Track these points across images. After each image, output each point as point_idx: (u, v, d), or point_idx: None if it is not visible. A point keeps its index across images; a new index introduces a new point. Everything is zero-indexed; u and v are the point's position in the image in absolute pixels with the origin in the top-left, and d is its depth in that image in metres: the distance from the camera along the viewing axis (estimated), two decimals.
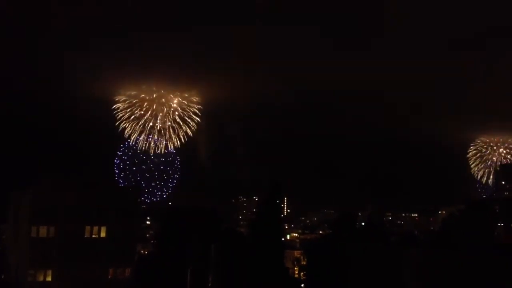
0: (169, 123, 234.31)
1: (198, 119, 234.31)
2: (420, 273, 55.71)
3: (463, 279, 52.53)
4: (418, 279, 56.07)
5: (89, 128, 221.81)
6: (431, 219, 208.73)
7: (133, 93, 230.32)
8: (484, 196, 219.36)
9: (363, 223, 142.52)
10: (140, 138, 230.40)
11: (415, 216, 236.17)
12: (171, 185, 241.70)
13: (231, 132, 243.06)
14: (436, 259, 55.43)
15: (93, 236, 78.81)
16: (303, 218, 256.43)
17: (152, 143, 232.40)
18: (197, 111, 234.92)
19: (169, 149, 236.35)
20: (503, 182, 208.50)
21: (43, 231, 76.27)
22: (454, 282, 52.86)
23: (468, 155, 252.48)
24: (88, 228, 78.46)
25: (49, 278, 76.27)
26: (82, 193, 78.44)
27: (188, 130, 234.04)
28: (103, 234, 79.16)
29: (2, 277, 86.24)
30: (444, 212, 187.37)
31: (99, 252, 77.15)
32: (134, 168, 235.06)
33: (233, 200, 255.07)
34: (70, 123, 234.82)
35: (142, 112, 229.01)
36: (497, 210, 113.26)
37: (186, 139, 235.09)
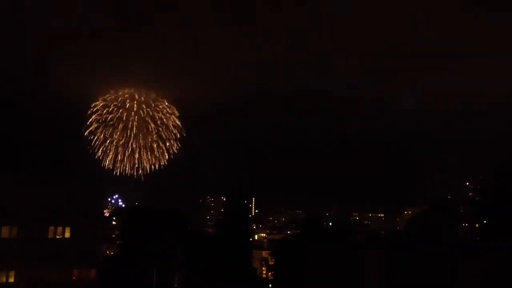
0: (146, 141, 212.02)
1: (178, 134, 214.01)
2: (381, 272, 56.79)
3: (421, 276, 53.91)
4: (379, 277, 57.10)
5: (58, 126, 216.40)
6: (398, 219, 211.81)
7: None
8: (449, 197, 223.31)
9: (330, 223, 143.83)
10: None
11: (382, 216, 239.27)
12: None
13: (199, 133, 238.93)
14: (394, 258, 56.71)
15: (57, 236, 77.47)
16: (271, 218, 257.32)
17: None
18: (177, 121, 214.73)
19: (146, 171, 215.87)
20: (467, 183, 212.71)
21: (4, 231, 74.64)
22: (412, 280, 54.14)
23: None
24: (51, 228, 77.14)
25: (11, 279, 74.72)
26: (46, 192, 77.12)
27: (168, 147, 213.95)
28: (67, 235, 77.89)
29: None
30: (410, 212, 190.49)
31: (63, 253, 75.88)
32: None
33: (200, 200, 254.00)
34: (35, 119, 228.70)
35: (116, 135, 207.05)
36: (462, 211, 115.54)
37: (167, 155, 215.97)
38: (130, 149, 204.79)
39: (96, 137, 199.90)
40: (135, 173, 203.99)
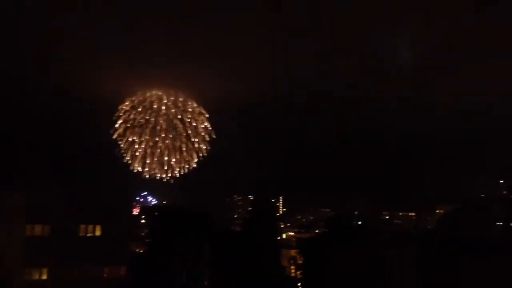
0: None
1: (207, 136, 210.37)
2: (406, 271, 56.19)
3: (446, 276, 53.09)
4: (404, 276, 56.50)
5: (86, 127, 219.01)
6: (428, 218, 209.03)
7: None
8: (482, 195, 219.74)
9: (359, 222, 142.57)
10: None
11: (412, 215, 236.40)
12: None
13: (225, 130, 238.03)
14: (420, 257, 56.02)
15: (88, 234, 78.95)
16: (299, 217, 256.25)
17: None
18: (206, 123, 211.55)
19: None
20: (502, 181, 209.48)
21: (38, 229, 76.37)
22: (438, 279, 53.39)
23: None
24: (83, 226, 78.61)
25: (44, 277, 76.38)
26: (77, 192, 78.58)
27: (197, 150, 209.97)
28: (98, 233, 79.30)
29: None
30: (441, 211, 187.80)
31: (94, 250, 77.23)
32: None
33: (228, 199, 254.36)
34: (65, 121, 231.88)
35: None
36: (499, 209, 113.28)
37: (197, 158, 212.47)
38: (159, 152, 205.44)
39: (124, 140, 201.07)
40: (164, 176, 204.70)
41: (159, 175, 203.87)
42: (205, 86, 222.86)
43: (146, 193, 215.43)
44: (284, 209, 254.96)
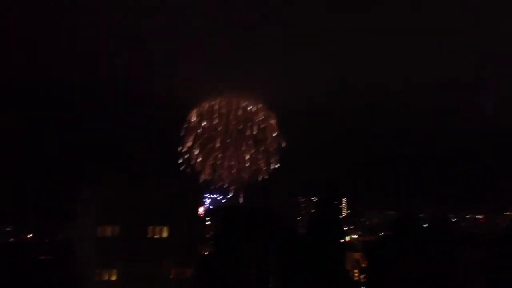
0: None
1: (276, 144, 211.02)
2: (482, 274, 54.31)
3: None
4: (480, 280, 54.65)
5: (155, 128, 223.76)
6: (497, 221, 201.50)
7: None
8: None
9: (425, 225, 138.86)
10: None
11: (480, 218, 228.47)
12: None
13: (291, 132, 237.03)
14: (497, 260, 53.98)
15: (156, 236, 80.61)
16: (363, 219, 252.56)
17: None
18: (275, 130, 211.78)
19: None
20: None
21: (108, 230, 78.71)
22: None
23: None
24: (150, 228, 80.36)
25: (114, 277, 78.51)
26: (145, 194, 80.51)
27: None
28: (165, 234, 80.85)
29: (70, 275, 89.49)
30: (510, 213, 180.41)
31: (161, 252, 78.82)
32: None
33: (291, 200, 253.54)
34: (137, 126, 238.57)
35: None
36: None
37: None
38: (227, 162, 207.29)
39: (194, 150, 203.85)
40: (232, 183, 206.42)
41: (227, 183, 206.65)
42: (273, 91, 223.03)
43: (211, 194, 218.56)
44: (348, 211, 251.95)
